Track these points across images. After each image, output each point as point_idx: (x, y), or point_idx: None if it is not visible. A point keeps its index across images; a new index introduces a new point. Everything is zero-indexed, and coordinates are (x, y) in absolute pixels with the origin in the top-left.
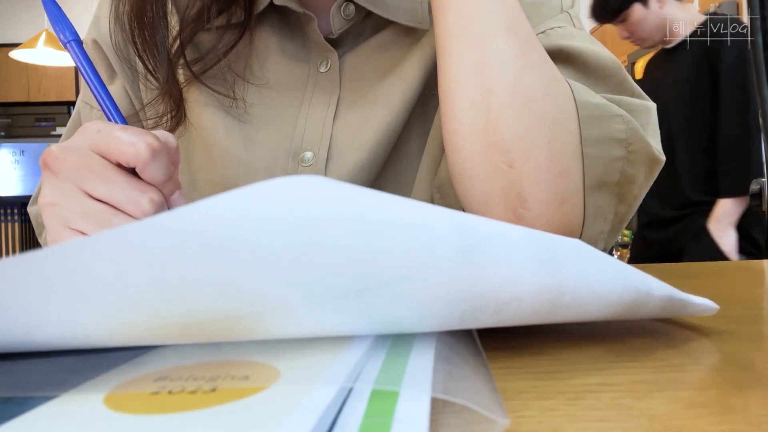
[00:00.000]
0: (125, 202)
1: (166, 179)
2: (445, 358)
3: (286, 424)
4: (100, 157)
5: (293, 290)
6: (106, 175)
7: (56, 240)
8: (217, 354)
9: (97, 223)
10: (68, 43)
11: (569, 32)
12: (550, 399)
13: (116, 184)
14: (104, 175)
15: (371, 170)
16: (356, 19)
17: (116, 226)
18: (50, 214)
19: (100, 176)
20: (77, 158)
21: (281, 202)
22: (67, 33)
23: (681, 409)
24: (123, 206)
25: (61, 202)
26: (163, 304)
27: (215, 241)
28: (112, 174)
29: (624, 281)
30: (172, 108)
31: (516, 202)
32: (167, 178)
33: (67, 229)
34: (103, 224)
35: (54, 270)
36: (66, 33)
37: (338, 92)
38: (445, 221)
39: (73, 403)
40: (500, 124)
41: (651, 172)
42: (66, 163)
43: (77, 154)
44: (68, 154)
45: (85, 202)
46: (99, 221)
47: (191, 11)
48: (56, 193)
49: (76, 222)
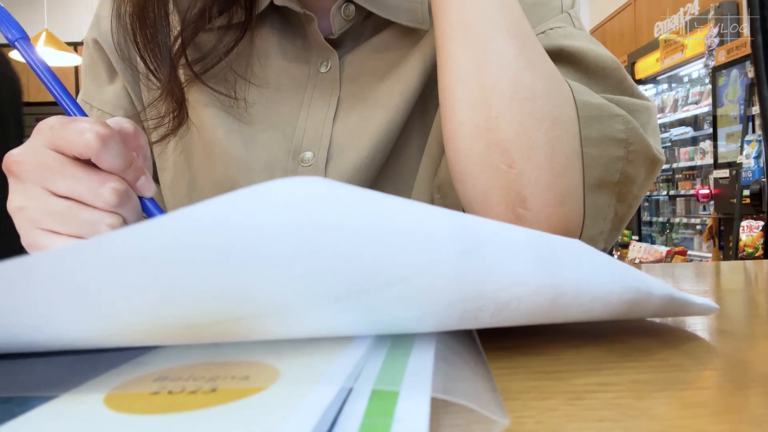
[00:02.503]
0: (87, 195)
1: (125, 166)
2: (445, 358)
3: (286, 424)
4: (56, 154)
5: (293, 292)
6: (64, 170)
7: (31, 243)
8: (217, 354)
9: (65, 221)
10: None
11: (569, 32)
12: (550, 399)
13: (75, 178)
14: (63, 171)
15: (371, 170)
16: (356, 20)
17: (87, 220)
18: (20, 219)
19: (59, 173)
20: (35, 158)
21: (281, 204)
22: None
23: (681, 409)
24: (86, 199)
25: (28, 204)
26: (164, 305)
27: (215, 243)
28: (70, 169)
29: (624, 281)
30: (174, 108)
31: (516, 202)
32: (126, 165)
33: (38, 230)
34: (72, 221)
35: (55, 272)
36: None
37: (338, 92)
38: (446, 222)
39: (73, 403)
40: (500, 124)
41: (651, 172)
42: (26, 165)
43: (35, 154)
44: (27, 156)
45: (50, 201)
46: (66, 218)
47: (193, 11)
48: (22, 196)
49: (45, 222)
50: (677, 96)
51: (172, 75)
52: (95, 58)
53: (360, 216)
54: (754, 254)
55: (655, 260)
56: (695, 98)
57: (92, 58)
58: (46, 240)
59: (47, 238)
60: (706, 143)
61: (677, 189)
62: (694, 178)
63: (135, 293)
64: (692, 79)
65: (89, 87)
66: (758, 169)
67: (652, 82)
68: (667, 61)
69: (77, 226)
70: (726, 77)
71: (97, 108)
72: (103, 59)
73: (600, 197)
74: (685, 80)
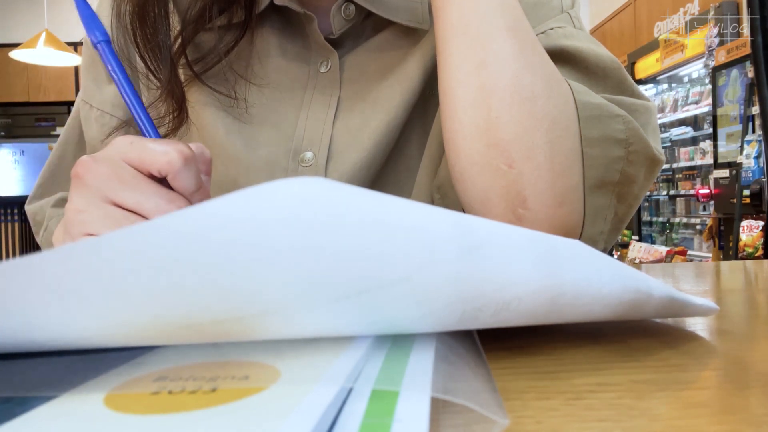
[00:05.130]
0: (153, 212)
1: (196, 189)
2: (445, 358)
3: (286, 424)
4: (131, 168)
5: (293, 292)
6: (136, 185)
7: None
8: (217, 354)
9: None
10: (98, 44)
11: (569, 32)
12: (550, 399)
13: (145, 193)
14: (134, 185)
15: (371, 170)
16: (356, 20)
17: None
18: (75, 220)
19: (130, 186)
20: (109, 169)
21: (282, 204)
22: (97, 33)
23: (681, 409)
24: (151, 215)
25: (88, 209)
26: (164, 305)
27: (216, 243)
28: (142, 184)
29: (624, 282)
30: (174, 108)
31: (516, 202)
32: (197, 188)
33: (84, 236)
34: None
35: (55, 271)
36: (96, 33)
37: (338, 92)
38: (446, 222)
39: (73, 403)
40: (500, 124)
41: (651, 172)
42: (97, 173)
43: (109, 165)
44: (100, 164)
45: (110, 210)
46: (118, 226)
47: (193, 11)
48: (84, 201)
49: (96, 227)
50: (677, 96)
51: (172, 75)
52: (95, 58)
53: (360, 216)
54: (754, 254)
55: (655, 260)
56: (695, 98)
57: (91, 58)
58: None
59: None
60: (706, 143)
61: (677, 189)
62: (694, 178)
63: (136, 293)
64: (692, 79)
65: (89, 87)
66: (758, 169)
67: (652, 82)
68: (667, 61)
69: None
70: (726, 77)
71: (96, 108)
72: None
73: (600, 197)
74: (685, 80)
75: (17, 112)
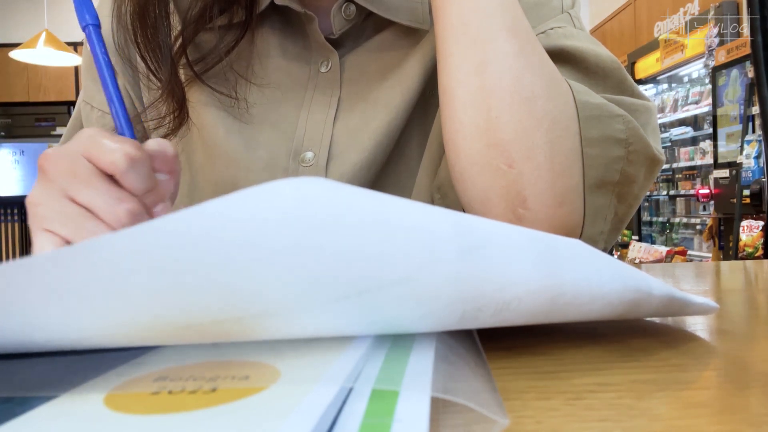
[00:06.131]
0: (103, 209)
1: (146, 189)
2: (445, 358)
3: (286, 424)
4: (88, 163)
5: (294, 292)
6: (89, 181)
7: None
8: (217, 354)
9: (68, 225)
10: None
11: (569, 32)
12: (550, 399)
13: (97, 190)
14: (88, 181)
15: (372, 170)
16: (357, 20)
17: (89, 230)
18: (32, 214)
19: (84, 182)
20: (67, 163)
21: (282, 205)
22: (87, 16)
23: (681, 409)
24: (100, 213)
25: (45, 202)
26: (164, 305)
27: (216, 244)
28: (95, 180)
29: (624, 281)
30: (174, 109)
31: (516, 202)
32: (147, 189)
33: (42, 231)
34: (77, 228)
35: (55, 271)
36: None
37: (339, 92)
38: (446, 222)
39: (73, 403)
40: (500, 124)
41: (651, 172)
42: (57, 167)
43: (68, 159)
44: (60, 158)
45: (65, 205)
46: (72, 223)
47: (193, 11)
48: (42, 194)
49: (51, 223)
50: (677, 96)
51: (173, 75)
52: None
53: (360, 216)
54: (754, 254)
55: (655, 260)
56: (695, 98)
57: (92, 59)
58: (43, 239)
59: (44, 237)
60: (706, 143)
61: (677, 189)
62: (694, 178)
63: (136, 293)
64: (692, 79)
65: (89, 87)
66: (758, 169)
67: (652, 82)
68: (667, 61)
69: (78, 233)
70: (726, 77)
71: (97, 108)
72: None
73: (600, 197)
74: (685, 80)
75: (17, 112)
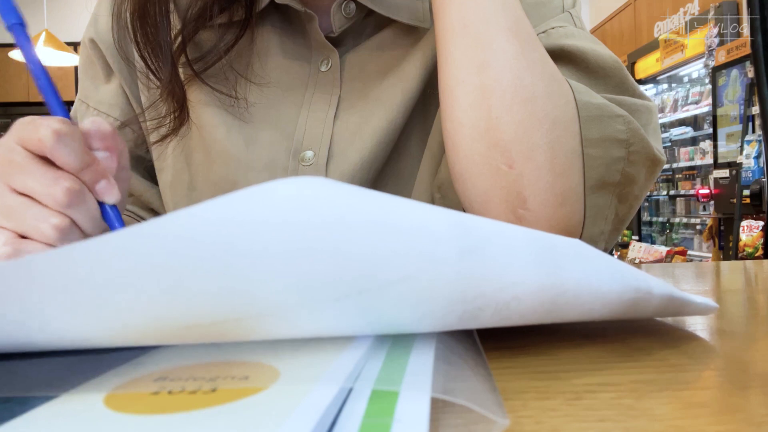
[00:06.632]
0: (40, 192)
1: (82, 165)
2: (445, 358)
3: (286, 424)
4: (22, 150)
5: (294, 292)
6: (25, 167)
7: None
8: (217, 354)
9: (11, 217)
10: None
11: (570, 32)
12: (550, 399)
13: (33, 175)
14: (23, 167)
15: (372, 169)
16: (357, 18)
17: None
18: None
19: (19, 169)
20: (3, 153)
21: (282, 204)
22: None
23: (681, 409)
24: (38, 196)
25: None
26: (164, 305)
27: (216, 243)
28: (30, 165)
29: (624, 281)
30: (175, 108)
31: (516, 203)
32: (83, 165)
33: None
34: (18, 217)
35: (56, 272)
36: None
37: (339, 91)
38: (446, 222)
39: (73, 403)
40: (501, 124)
41: (652, 172)
42: None
43: (4, 149)
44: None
45: (7, 197)
46: (14, 214)
47: (194, 10)
48: None
49: None
50: (677, 96)
51: (173, 74)
52: (92, 58)
53: (360, 216)
54: (754, 254)
55: (655, 260)
56: (695, 98)
57: (89, 58)
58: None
59: None
60: (706, 143)
61: (677, 189)
62: (694, 178)
63: (136, 293)
64: (692, 79)
65: (86, 86)
66: (758, 169)
67: (652, 82)
68: (667, 61)
69: (21, 223)
70: (726, 77)
71: (93, 107)
72: (100, 59)
73: (600, 198)
74: (685, 80)
75: (17, 112)
